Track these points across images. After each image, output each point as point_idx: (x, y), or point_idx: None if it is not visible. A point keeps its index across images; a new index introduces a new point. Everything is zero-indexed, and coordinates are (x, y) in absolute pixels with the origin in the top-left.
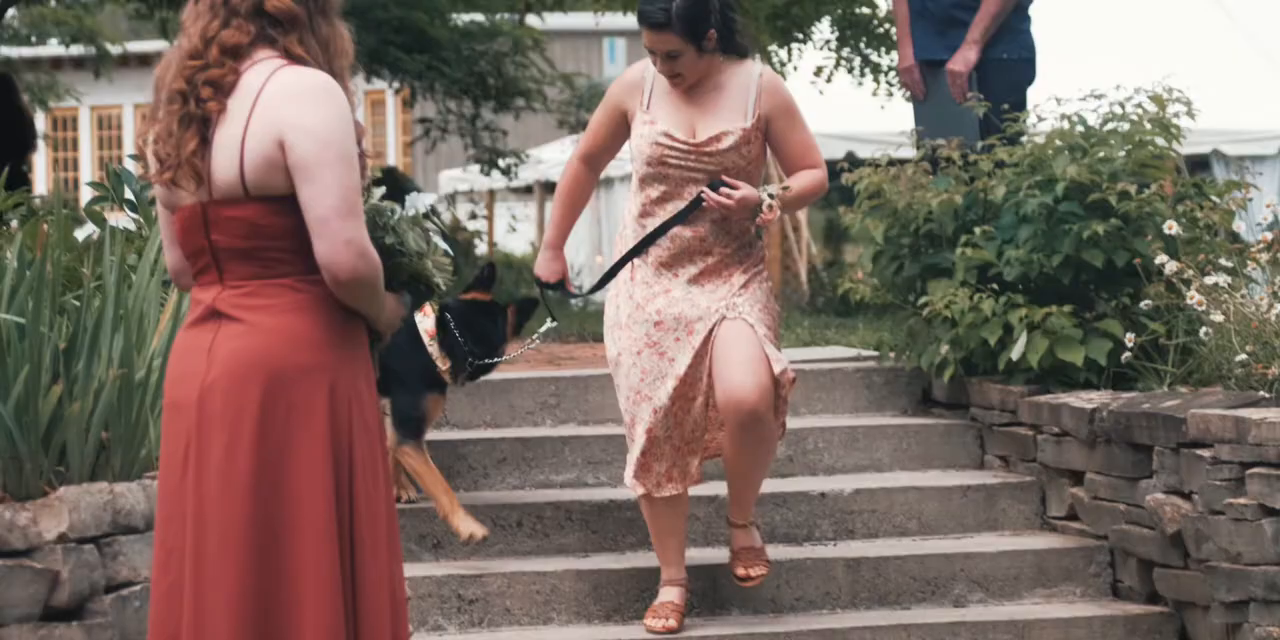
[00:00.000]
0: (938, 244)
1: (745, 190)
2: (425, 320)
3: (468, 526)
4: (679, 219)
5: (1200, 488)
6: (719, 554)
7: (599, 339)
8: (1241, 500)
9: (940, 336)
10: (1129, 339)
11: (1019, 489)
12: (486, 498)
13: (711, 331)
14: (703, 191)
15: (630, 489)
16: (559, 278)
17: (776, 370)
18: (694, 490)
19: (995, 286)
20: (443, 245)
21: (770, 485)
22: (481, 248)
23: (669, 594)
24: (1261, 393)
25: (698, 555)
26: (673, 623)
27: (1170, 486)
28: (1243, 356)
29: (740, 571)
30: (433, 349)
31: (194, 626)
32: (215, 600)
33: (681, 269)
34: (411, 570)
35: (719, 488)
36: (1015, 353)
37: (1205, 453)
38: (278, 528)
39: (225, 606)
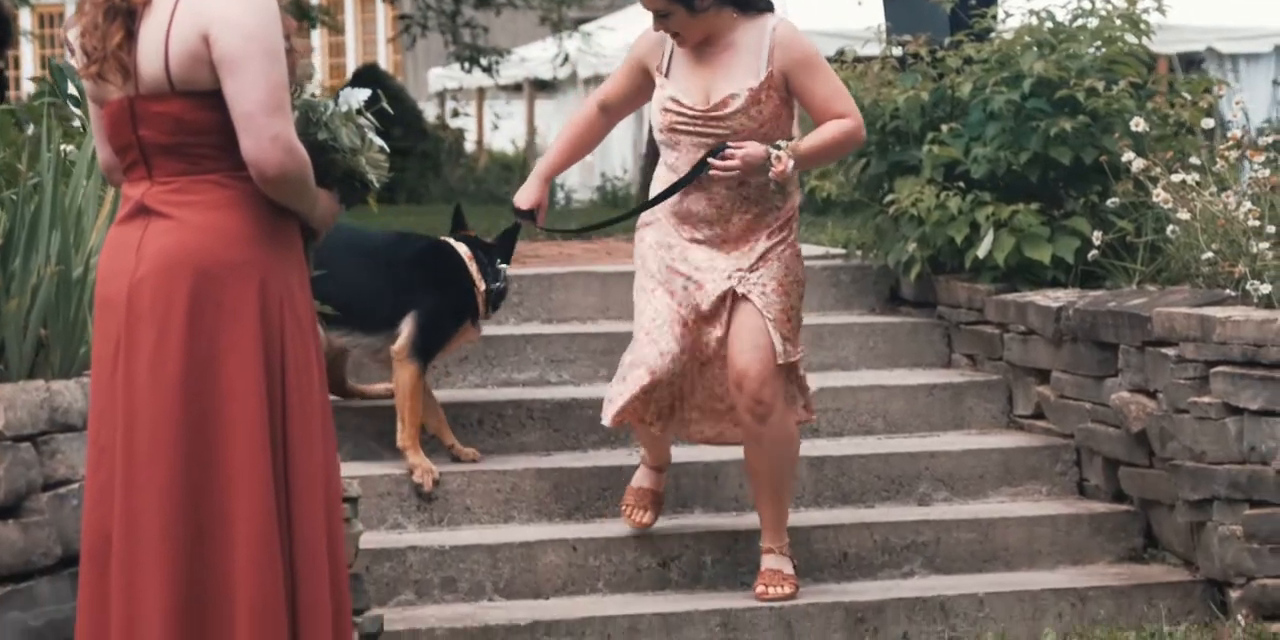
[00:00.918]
0: (904, 141)
1: (749, 147)
2: (461, 246)
3: (421, 469)
4: (682, 184)
5: (1165, 386)
6: (680, 452)
7: (566, 237)
8: (1205, 399)
9: (907, 234)
10: (1096, 237)
11: (985, 387)
12: (448, 396)
13: (724, 298)
14: (707, 160)
15: (606, 422)
16: (532, 206)
17: (780, 360)
18: None
19: (962, 184)
20: (378, 141)
21: None
22: (470, 145)
23: (643, 479)
24: (1227, 291)
25: None
26: (647, 519)
27: (1135, 385)
28: (1209, 255)
29: (759, 589)
30: (473, 267)
31: (125, 524)
32: (146, 498)
33: (700, 232)
34: (370, 469)
35: None
36: (982, 250)
37: (1170, 351)
38: (208, 426)
39: (156, 504)
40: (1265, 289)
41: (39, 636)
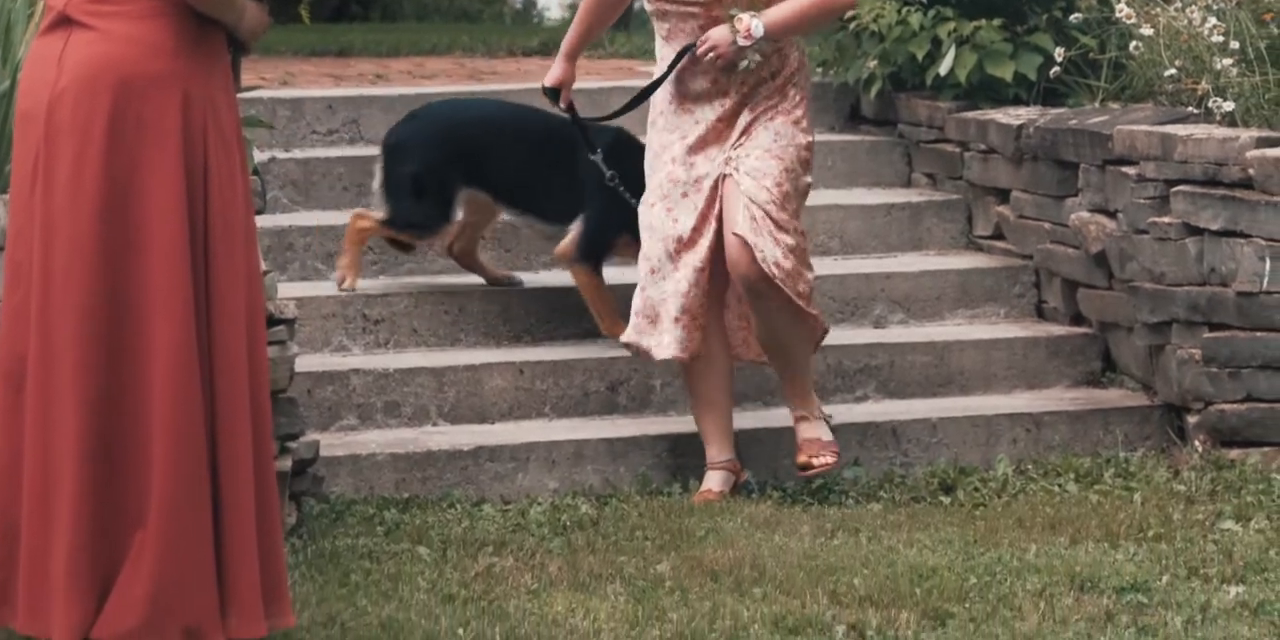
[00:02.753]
0: None
1: (713, 31)
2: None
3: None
4: (662, 79)
5: (1125, 206)
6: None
7: (527, 53)
8: (1165, 219)
9: (868, 51)
10: (1059, 53)
11: (945, 207)
12: None
13: (716, 187)
14: (682, 56)
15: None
16: (557, 84)
17: (758, 256)
18: None
19: None
20: None
21: None
22: None
23: (712, 480)
24: (1190, 109)
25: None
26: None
27: (1095, 205)
28: (1172, 71)
29: (802, 459)
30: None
31: (41, 345)
32: (63, 318)
33: (701, 113)
34: (316, 289)
35: None
36: (943, 67)
37: (1131, 170)
38: (127, 244)
39: (72, 324)
40: (1228, 106)
41: None
